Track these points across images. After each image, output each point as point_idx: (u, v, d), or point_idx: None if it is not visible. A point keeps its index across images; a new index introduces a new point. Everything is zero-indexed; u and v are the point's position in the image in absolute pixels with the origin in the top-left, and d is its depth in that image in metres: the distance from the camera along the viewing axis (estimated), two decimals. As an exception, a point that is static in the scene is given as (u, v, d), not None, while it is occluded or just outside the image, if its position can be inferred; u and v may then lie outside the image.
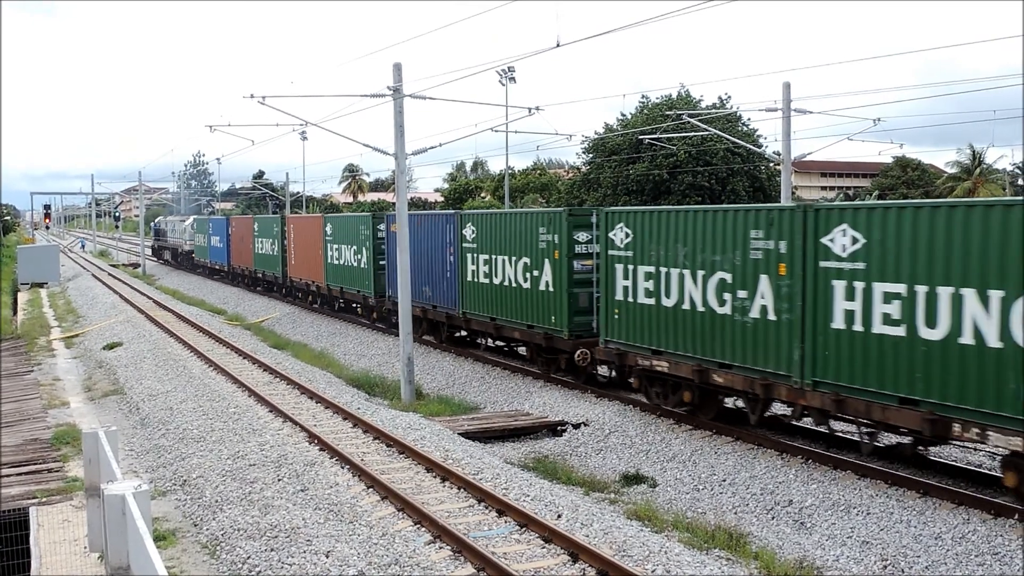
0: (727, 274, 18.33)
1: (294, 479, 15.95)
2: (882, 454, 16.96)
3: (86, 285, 59.59)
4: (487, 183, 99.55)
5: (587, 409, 22.09)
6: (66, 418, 21.81)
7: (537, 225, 24.61)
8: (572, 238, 23.41)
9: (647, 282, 20.53)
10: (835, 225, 16.01)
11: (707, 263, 18.82)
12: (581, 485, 17.32)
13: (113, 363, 29.19)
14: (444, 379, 27.77)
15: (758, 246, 17.57)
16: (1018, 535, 13.47)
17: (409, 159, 26.39)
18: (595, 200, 59.59)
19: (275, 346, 34.37)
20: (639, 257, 20.75)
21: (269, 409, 21.71)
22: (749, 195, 56.78)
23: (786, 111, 32.54)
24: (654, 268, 20.28)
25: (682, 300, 19.58)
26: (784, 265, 17.03)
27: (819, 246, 16.29)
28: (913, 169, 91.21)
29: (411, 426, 19.78)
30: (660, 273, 20.11)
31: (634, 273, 20.93)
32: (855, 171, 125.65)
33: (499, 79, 62.54)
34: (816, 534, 14.76)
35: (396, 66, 24.86)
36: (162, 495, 15.88)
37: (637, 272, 20.83)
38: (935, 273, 14.44)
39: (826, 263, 16.18)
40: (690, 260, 19.22)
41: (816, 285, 16.38)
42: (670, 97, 60.30)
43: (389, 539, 13.09)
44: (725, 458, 18.11)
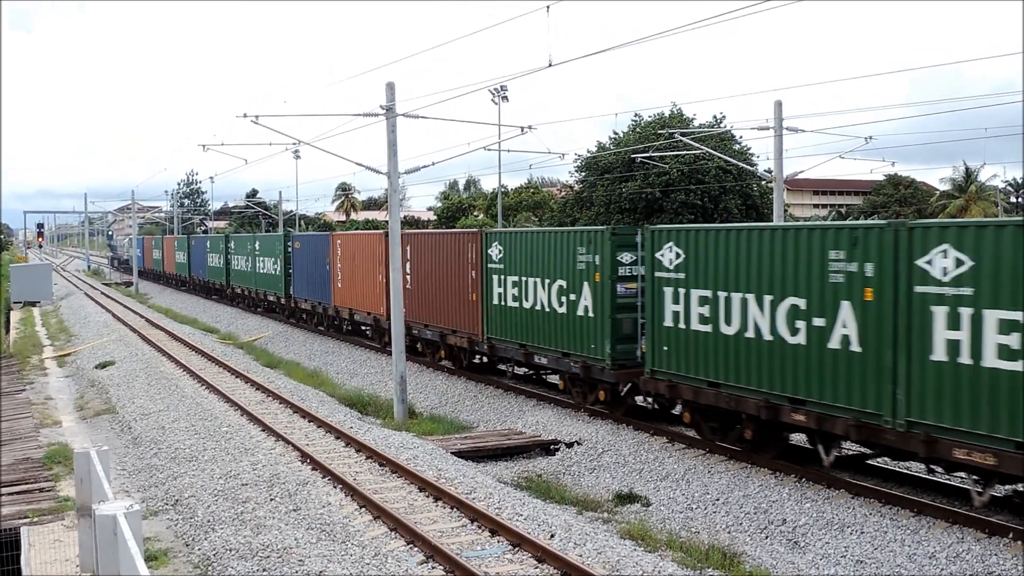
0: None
1: (286, 499, 15.90)
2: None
3: (79, 304, 59.47)
4: (480, 201, 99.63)
5: (580, 428, 22.06)
6: (58, 437, 21.73)
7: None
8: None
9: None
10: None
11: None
12: (574, 504, 17.29)
13: (105, 382, 29.11)
14: (437, 398, 27.72)
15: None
16: (1012, 554, 13.46)
17: (402, 178, 26.35)
18: (588, 219, 59.69)
19: (268, 365, 34.30)
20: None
21: (262, 428, 21.65)
22: (742, 213, 56.95)
23: (778, 129, 32.61)
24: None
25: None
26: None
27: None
28: (906, 187, 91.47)
29: (404, 445, 19.74)
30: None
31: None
32: (847, 189, 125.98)
33: (492, 98, 62.67)
34: (810, 553, 14.74)
35: (389, 85, 24.92)
36: (154, 515, 15.81)
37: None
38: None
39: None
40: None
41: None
42: (663, 115, 60.50)
43: (382, 559, 13.04)
44: (719, 477, 18.09)
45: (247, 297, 54.30)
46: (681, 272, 19.26)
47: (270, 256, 49.05)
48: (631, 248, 21.63)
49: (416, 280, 31.03)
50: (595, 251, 22.04)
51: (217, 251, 60.52)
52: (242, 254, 54.64)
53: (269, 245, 49.78)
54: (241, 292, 55.22)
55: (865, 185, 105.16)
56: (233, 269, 56.91)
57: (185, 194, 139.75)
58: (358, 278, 36.62)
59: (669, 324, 19.60)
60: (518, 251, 25.19)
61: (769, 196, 51.69)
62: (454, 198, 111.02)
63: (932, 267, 14.33)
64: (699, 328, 18.81)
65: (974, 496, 14.75)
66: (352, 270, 37.32)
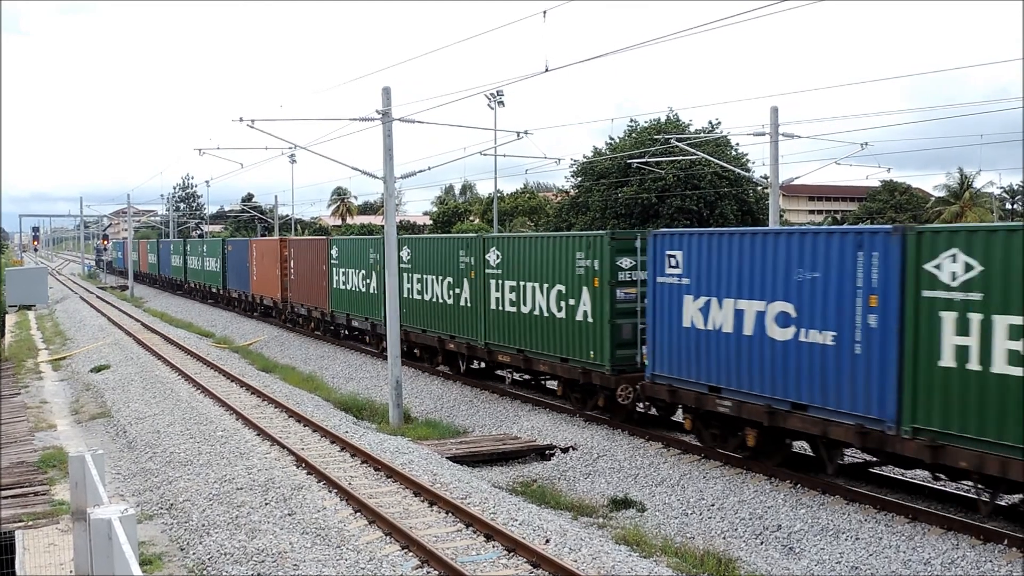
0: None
1: (281, 503, 15.88)
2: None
3: (74, 307, 59.40)
4: (476, 206, 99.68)
5: (575, 433, 22.05)
6: (53, 441, 21.69)
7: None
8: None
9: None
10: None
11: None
12: (569, 509, 17.28)
13: (100, 386, 29.07)
14: (432, 402, 27.71)
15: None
16: (1008, 560, 13.47)
17: (398, 182, 26.39)
18: (584, 224, 59.72)
19: (263, 369, 34.27)
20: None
21: (256, 432, 21.62)
22: (737, 219, 57.01)
23: (774, 135, 32.66)
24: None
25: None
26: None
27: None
28: (901, 193, 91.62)
29: (399, 450, 19.73)
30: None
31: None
32: (843, 195, 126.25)
33: (488, 103, 62.64)
34: (805, 559, 14.74)
35: (385, 90, 24.92)
36: (148, 519, 15.79)
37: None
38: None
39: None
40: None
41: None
42: (659, 121, 60.58)
43: (376, 564, 13.03)
44: (714, 482, 18.09)
45: (199, 289, 65.80)
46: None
47: (213, 257, 59.64)
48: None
49: (296, 273, 43.58)
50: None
51: (178, 253, 72.82)
52: (195, 255, 66.46)
53: (213, 248, 60.36)
54: (194, 285, 67.15)
55: (861, 191, 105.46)
56: (189, 268, 68.52)
57: (181, 198, 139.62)
58: (265, 273, 48.25)
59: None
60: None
61: (765, 202, 51.76)
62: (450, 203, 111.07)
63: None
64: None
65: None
66: (263, 267, 48.56)
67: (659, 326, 19.93)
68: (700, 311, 18.83)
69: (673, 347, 19.55)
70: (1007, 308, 13.35)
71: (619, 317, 21.58)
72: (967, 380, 13.87)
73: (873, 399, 15.31)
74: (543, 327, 23.95)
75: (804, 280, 16.50)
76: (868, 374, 15.39)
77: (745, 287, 17.76)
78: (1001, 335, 13.43)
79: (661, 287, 19.84)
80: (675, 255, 19.48)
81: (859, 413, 15.54)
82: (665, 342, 19.78)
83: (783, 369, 16.96)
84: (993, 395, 13.55)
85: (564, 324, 23.07)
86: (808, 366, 16.45)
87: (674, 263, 19.52)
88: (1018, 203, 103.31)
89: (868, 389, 15.39)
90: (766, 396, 17.30)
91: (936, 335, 14.28)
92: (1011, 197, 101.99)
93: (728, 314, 18.14)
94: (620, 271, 21.62)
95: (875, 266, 15.23)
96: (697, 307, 18.89)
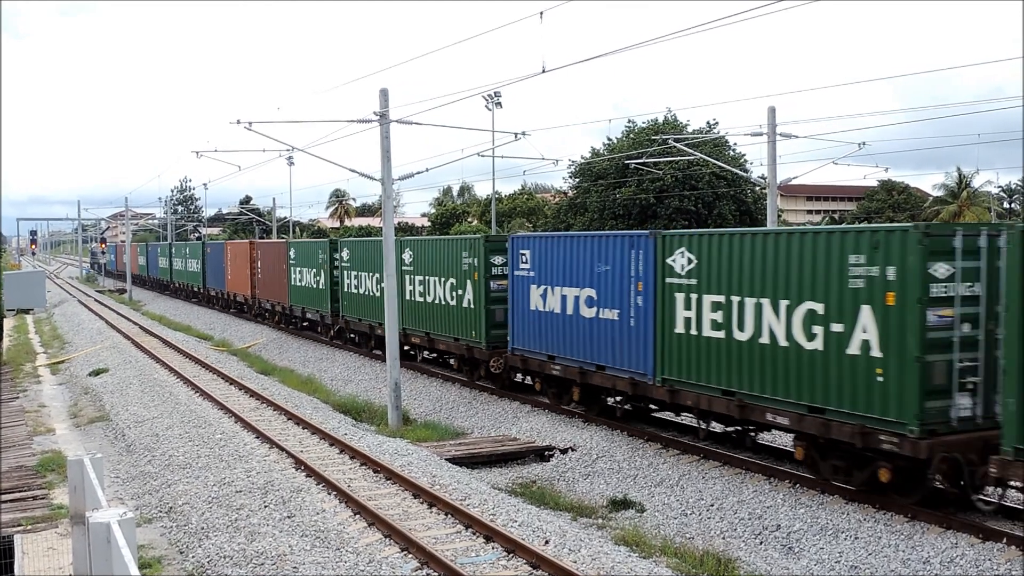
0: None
1: (280, 506, 15.88)
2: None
3: (72, 311, 59.37)
4: (474, 208, 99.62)
5: (574, 434, 22.06)
6: (51, 445, 21.69)
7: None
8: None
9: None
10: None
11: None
12: (569, 510, 17.29)
13: (99, 389, 29.06)
14: (431, 404, 27.71)
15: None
16: (1006, 559, 13.48)
17: (396, 184, 26.49)
18: (582, 224, 59.67)
19: (262, 371, 34.25)
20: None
21: (255, 435, 21.62)
22: (736, 219, 56.93)
23: (771, 135, 32.68)
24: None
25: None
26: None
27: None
28: (899, 192, 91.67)
29: (398, 452, 19.73)
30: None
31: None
32: (841, 195, 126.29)
33: (485, 104, 62.65)
34: (804, 559, 14.75)
35: (383, 92, 24.92)
36: (148, 522, 15.78)
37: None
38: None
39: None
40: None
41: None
42: (656, 121, 60.54)
43: (376, 566, 13.03)
44: (713, 483, 18.10)
45: (183, 289, 70.05)
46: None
47: (195, 258, 64.31)
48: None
49: (264, 270, 47.89)
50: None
51: (164, 255, 77.53)
52: (179, 257, 71.17)
53: (194, 250, 65.06)
54: (179, 285, 71.31)
55: (858, 191, 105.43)
56: (174, 269, 72.89)
57: (179, 201, 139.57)
58: (238, 272, 52.52)
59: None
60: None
61: (763, 202, 51.74)
62: (448, 204, 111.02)
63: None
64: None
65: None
66: (236, 267, 53.05)
67: (515, 310, 24.97)
68: (541, 297, 23.90)
69: (524, 326, 24.64)
70: (711, 289, 18.42)
71: (493, 304, 26.37)
72: (690, 342, 19.00)
73: (640, 359, 20.43)
74: (441, 313, 28.74)
75: (602, 271, 21.58)
76: (637, 341, 20.52)
77: (568, 278, 22.84)
78: (708, 309, 18.50)
79: (516, 279, 24.87)
80: (525, 254, 24.51)
81: (633, 370, 20.71)
82: (519, 322, 24.86)
83: (589, 339, 22.10)
84: (703, 352, 18.64)
85: (455, 310, 27.94)
86: (604, 336, 21.57)
87: (524, 260, 24.51)
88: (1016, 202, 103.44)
89: (637, 352, 20.53)
90: (580, 360, 22.51)
91: (673, 310, 19.38)
92: (1008, 196, 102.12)
93: (558, 299, 23.25)
94: (493, 267, 26.39)
95: (641, 260, 20.33)
96: (539, 294, 23.96)
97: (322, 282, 39.23)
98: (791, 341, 16.65)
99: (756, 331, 17.31)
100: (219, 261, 57.02)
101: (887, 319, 15.09)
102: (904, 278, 14.87)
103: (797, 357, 16.57)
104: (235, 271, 53.35)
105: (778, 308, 16.85)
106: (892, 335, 15.03)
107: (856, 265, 15.55)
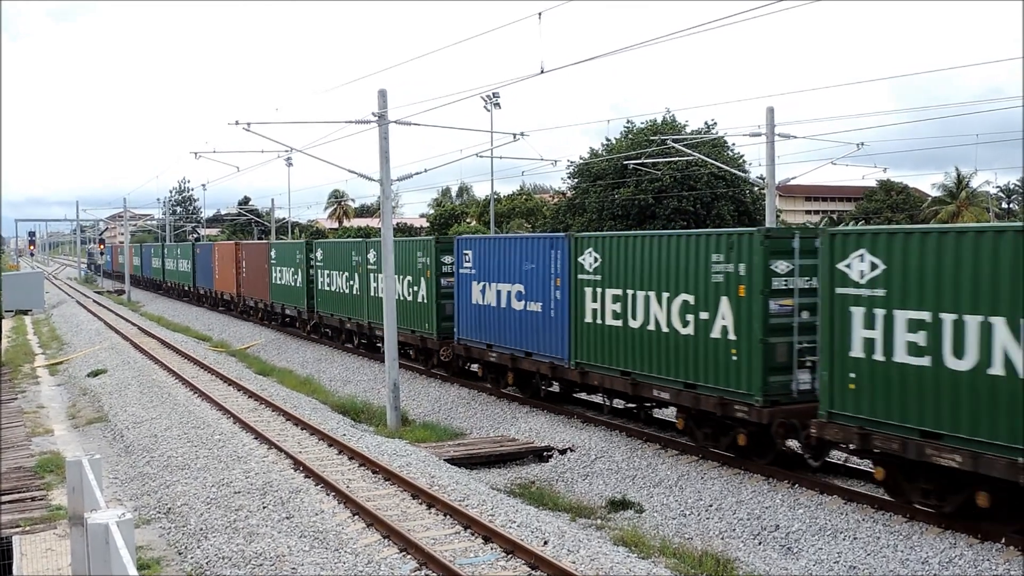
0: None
1: (279, 507, 15.87)
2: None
3: (70, 312, 59.36)
4: (472, 208, 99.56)
5: (573, 434, 22.06)
6: (50, 446, 21.69)
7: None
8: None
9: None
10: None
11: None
12: (568, 511, 17.28)
13: (98, 390, 29.05)
14: (430, 405, 27.71)
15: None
16: (1005, 559, 13.48)
17: (395, 185, 26.54)
18: (580, 225, 59.66)
19: (260, 372, 34.24)
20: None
21: (254, 436, 21.61)
22: (734, 219, 56.92)
23: (770, 136, 32.68)
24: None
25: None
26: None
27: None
28: (897, 193, 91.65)
29: (397, 452, 19.72)
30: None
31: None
32: (839, 195, 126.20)
33: (484, 104, 62.57)
34: (803, 559, 14.75)
35: (381, 92, 24.92)
36: (146, 523, 15.78)
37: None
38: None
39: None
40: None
41: None
42: (655, 122, 60.53)
43: (375, 567, 13.03)
44: (712, 483, 18.10)
45: (174, 288, 73.05)
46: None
47: (185, 259, 67.74)
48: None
49: (248, 269, 50.84)
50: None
51: (157, 256, 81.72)
52: (171, 257, 74.86)
53: (185, 251, 69.02)
54: (171, 284, 74.54)
55: (857, 191, 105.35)
56: (167, 269, 76.50)
57: (177, 202, 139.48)
58: (225, 272, 55.37)
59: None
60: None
61: (761, 202, 51.76)
62: (447, 205, 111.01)
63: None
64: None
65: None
66: (223, 267, 55.92)
67: (460, 303, 27.86)
68: (480, 292, 26.67)
69: (468, 318, 27.46)
70: (612, 284, 21.23)
71: (443, 299, 29.03)
72: (596, 330, 21.85)
73: (558, 346, 23.27)
74: (404, 308, 30.86)
75: (529, 269, 24.35)
76: (556, 330, 23.32)
77: (502, 275, 25.60)
78: (609, 301, 21.31)
79: (461, 276, 27.76)
80: (468, 253, 27.40)
81: (553, 355, 23.56)
82: (463, 314, 27.71)
83: (519, 329, 24.91)
84: (606, 339, 21.50)
85: (412, 305, 30.77)
86: (531, 326, 24.43)
87: (468, 260, 27.37)
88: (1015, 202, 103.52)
89: (556, 339, 23.33)
90: (512, 348, 25.31)
91: (583, 303, 22.23)
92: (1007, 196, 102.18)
93: (494, 293, 26.01)
94: (444, 266, 29.13)
95: (559, 259, 23.14)
96: (479, 289, 26.73)
97: (299, 280, 42.15)
98: (671, 327, 19.62)
99: (646, 320, 20.32)
100: (208, 261, 60.15)
101: (739, 308, 18.00)
102: (751, 273, 17.74)
103: (675, 341, 19.55)
104: (222, 271, 56.46)
105: (661, 299, 19.81)
106: (743, 321, 17.93)
107: (717, 263, 18.51)
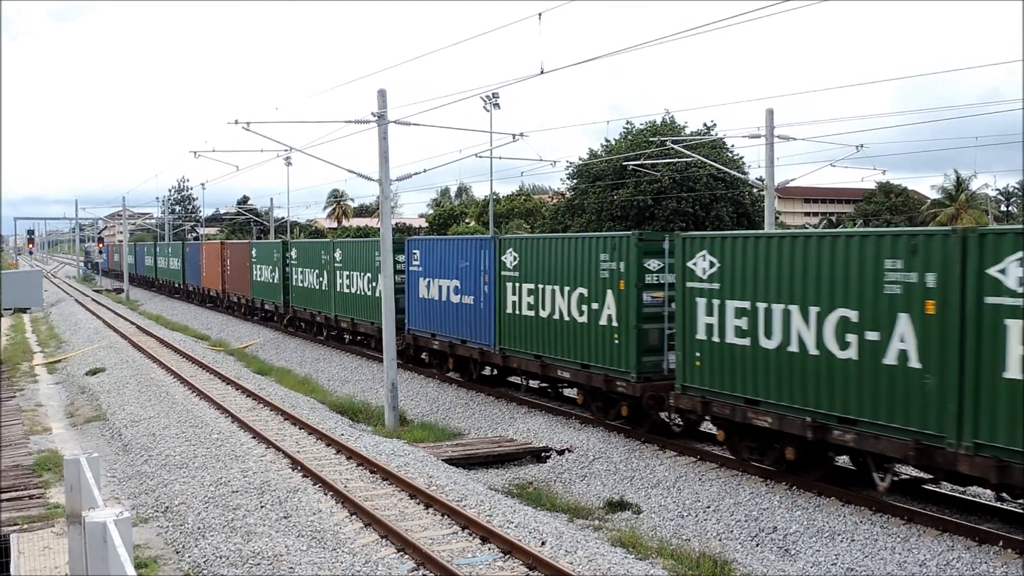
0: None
1: (277, 506, 15.87)
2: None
3: (69, 310, 59.32)
4: (471, 209, 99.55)
5: (571, 435, 22.06)
6: (48, 444, 21.67)
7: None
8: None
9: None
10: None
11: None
12: (565, 512, 17.27)
13: (96, 389, 29.03)
14: (428, 405, 27.71)
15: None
16: (1003, 562, 13.49)
17: (395, 185, 26.60)
18: (579, 226, 59.65)
19: (259, 372, 34.22)
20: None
21: (252, 435, 21.61)
22: (733, 221, 56.91)
23: (769, 137, 32.68)
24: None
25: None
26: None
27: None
28: (896, 195, 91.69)
29: (395, 452, 19.72)
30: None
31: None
32: (838, 197, 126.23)
33: (483, 105, 62.53)
34: (801, 561, 14.75)
35: (380, 92, 24.91)
36: (144, 522, 15.77)
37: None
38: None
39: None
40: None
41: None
42: (654, 123, 60.50)
43: (372, 566, 13.02)
44: (709, 484, 18.10)
45: (166, 285, 76.11)
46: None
47: (176, 257, 71.19)
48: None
49: (232, 267, 53.98)
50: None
51: (150, 255, 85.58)
52: (163, 256, 78.32)
53: (175, 250, 72.20)
54: (162, 282, 77.85)
55: (856, 193, 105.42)
56: (159, 267, 79.92)
57: (176, 201, 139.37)
58: (211, 269, 58.85)
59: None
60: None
61: (761, 204, 51.74)
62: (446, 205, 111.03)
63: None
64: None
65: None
66: (209, 265, 59.51)
67: (410, 298, 30.82)
68: (426, 287, 29.69)
69: (416, 310, 30.56)
70: (527, 280, 24.33)
71: (397, 294, 29.18)
72: (515, 320, 24.87)
73: (487, 334, 26.20)
74: (362, 302, 34.82)
75: (464, 266, 27.28)
76: (485, 320, 26.27)
77: (443, 271, 28.53)
78: (525, 295, 24.37)
79: (411, 273, 30.73)
80: (416, 253, 30.53)
81: (482, 342, 26.58)
82: (412, 307, 30.78)
83: (456, 319, 27.84)
84: (523, 327, 24.58)
85: (371, 300, 33.58)
86: (465, 317, 27.30)
87: (416, 258, 30.46)
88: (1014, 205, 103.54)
89: (485, 328, 26.25)
90: (451, 336, 28.41)
91: (505, 296, 25.17)
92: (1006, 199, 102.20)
93: (436, 288, 29.02)
94: (398, 264, 30.37)
95: (487, 258, 26.01)
96: (424, 285, 29.77)
97: (276, 278, 45.52)
98: (571, 316, 22.69)
99: (553, 310, 23.33)
100: (196, 260, 63.95)
101: (620, 299, 21.04)
102: (628, 270, 20.81)
103: (574, 328, 22.60)
104: (209, 268, 59.97)
105: (564, 292, 22.87)
106: (623, 311, 21.01)
107: (604, 261, 21.52)
